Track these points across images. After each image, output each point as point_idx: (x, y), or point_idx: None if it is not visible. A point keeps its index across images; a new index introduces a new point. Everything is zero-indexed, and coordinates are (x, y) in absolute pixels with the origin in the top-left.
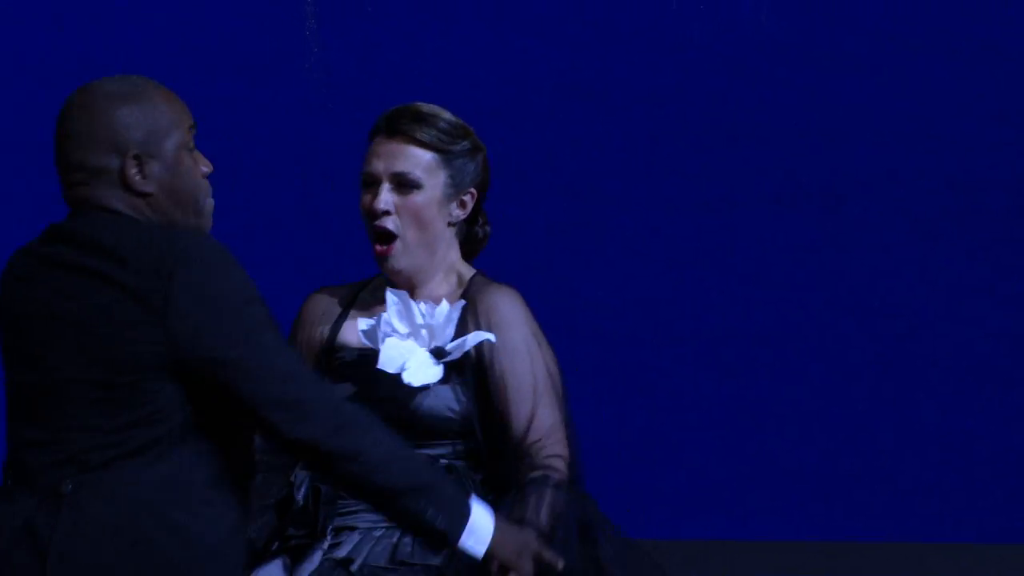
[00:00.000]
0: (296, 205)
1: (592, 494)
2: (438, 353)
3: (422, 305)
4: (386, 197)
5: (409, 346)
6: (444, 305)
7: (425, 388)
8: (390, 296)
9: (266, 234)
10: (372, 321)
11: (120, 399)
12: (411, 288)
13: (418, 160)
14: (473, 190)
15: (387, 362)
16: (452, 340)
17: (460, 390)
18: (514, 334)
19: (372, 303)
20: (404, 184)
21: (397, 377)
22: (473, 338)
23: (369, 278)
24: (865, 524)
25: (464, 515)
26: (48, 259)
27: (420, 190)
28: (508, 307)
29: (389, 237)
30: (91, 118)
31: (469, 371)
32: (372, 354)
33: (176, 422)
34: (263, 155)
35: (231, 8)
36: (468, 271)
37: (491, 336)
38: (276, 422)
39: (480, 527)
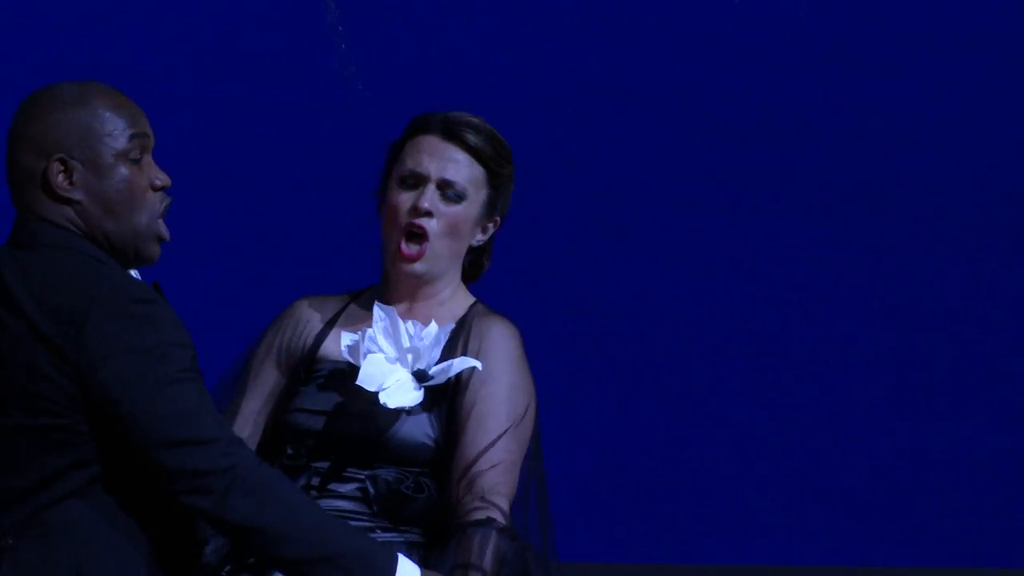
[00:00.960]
0: (315, 208)
1: (612, 510)
2: (420, 376)
3: (410, 325)
4: (432, 198)
5: (392, 366)
6: (433, 327)
7: (403, 412)
8: (378, 312)
9: (285, 237)
10: (356, 337)
11: (47, 444)
12: (411, 301)
13: (469, 172)
14: (498, 219)
15: (366, 379)
16: (437, 364)
17: (437, 417)
18: (500, 364)
19: (361, 317)
20: (451, 195)
21: (375, 396)
22: (459, 363)
23: (362, 289)
24: (900, 546)
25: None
26: None
27: (463, 203)
28: (501, 337)
29: (421, 239)
30: (28, 120)
31: (446, 400)
32: (352, 370)
33: (98, 471)
34: (282, 156)
35: (249, 5)
36: (467, 298)
37: (478, 364)
38: (170, 487)
39: None
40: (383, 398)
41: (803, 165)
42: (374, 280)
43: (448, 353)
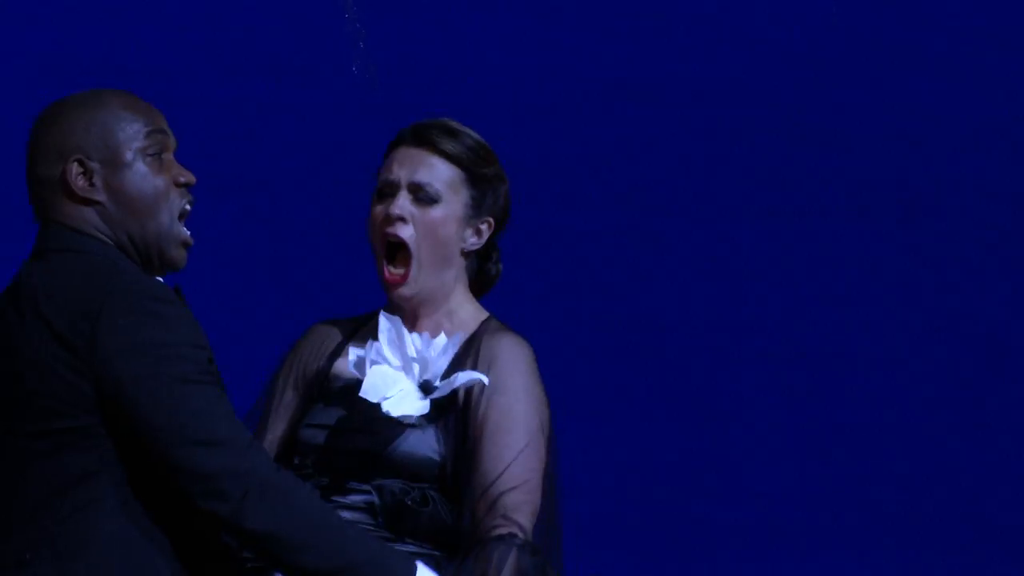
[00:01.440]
0: (333, 212)
1: (649, 530)
2: (425, 387)
3: (416, 336)
4: (403, 203)
5: (396, 376)
6: (442, 338)
7: (408, 425)
8: (383, 322)
9: (304, 243)
10: (363, 351)
11: (62, 450)
12: (414, 319)
13: (442, 173)
14: (491, 219)
15: (369, 390)
16: (445, 376)
17: (445, 432)
18: (515, 379)
19: (374, 334)
20: (424, 196)
21: (377, 407)
22: (463, 376)
23: (372, 311)
24: (957, 567)
25: None
26: None
27: (439, 204)
28: (512, 353)
29: (402, 256)
30: (43, 130)
31: (453, 415)
32: (358, 383)
33: (114, 480)
34: (300, 161)
35: (266, 5)
36: (480, 312)
37: (483, 377)
38: (186, 491)
39: None
40: (386, 407)
41: (859, 171)
42: None
43: (456, 367)
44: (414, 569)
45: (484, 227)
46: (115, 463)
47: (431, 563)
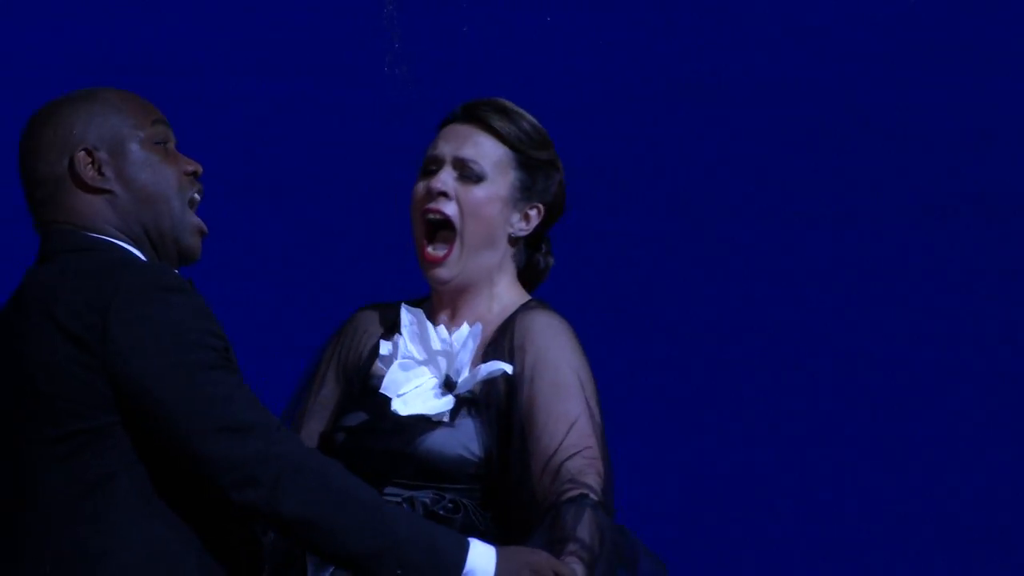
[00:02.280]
0: (366, 211)
1: (708, 545)
2: (447, 383)
3: (442, 328)
4: (446, 178)
5: (418, 372)
6: (464, 328)
7: (436, 423)
8: (405, 316)
9: (341, 243)
10: (391, 346)
11: (79, 453)
12: (452, 308)
13: (489, 150)
14: (541, 206)
15: (389, 386)
16: (469, 369)
17: (482, 428)
18: (557, 352)
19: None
20: (468, 174)
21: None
22: (486, 368)
23: (423, 297)
24: None
25: (455, 566)
26: (2, 323)
27: (484, 183)
28: (547, 327)
29: (444, 235)
30: (39, 130)
31: (494, 407)
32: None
33: (137, 478)
34: (337, 161)
35: (302, 3)
36: (522, 298)
37: (507, 367)
38: (217, 482)
39: (480, 570)
40: (395, 405)
41: (930, 172)
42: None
43: (492, 355)
44: (466, 545)
45: (533, 213)
46: (136, 462)
47: None
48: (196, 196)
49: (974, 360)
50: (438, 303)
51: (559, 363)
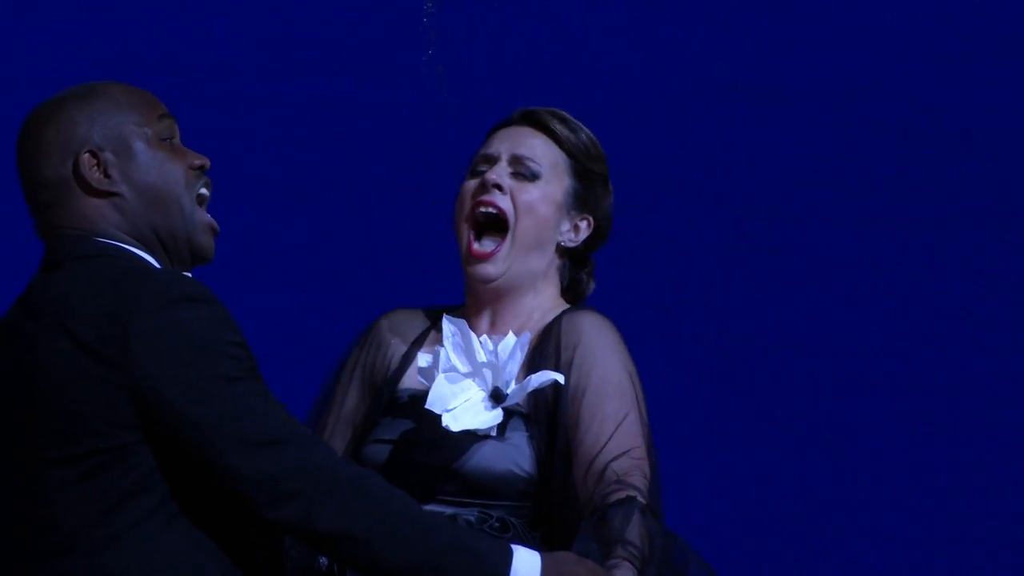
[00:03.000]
0: (404, 214)
1: (755, 567)
2: (496, 395)
3: (485, 337)
4: (501, 172)
5: (465, 385)
6: (510, 337)
7: (483, 436)
8: (447, 327)
9: (378, 248)
10: (431, 357)
11: (96, 473)
12: (493, 315)
13: (546, 152)
14: (590, 218)
15: (435, 401)
16: (516, 380)
17: (531, 442)
18: (603, 352)
19: (440, 343)
20: (524, 171)
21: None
22: (536, 379)
23: (455, 305)
24: None
25: (499, 574)
26: (3, 337)
27: (539, 181)
28: (592, 327)
29: (493, 234)
30: (38, 131)
31: (543, 418)
32: (426, 394)
33: (158, 497)
34: (373, 164)
35: (341, 1)
36: (563, 306)
37: (558, 376)
38: (249, 499)
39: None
40: (446, 421)
41: (1001, 177)
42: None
43: (538, 361)
44: (509, 552)
45: (583, 224)
46: (158, 481)
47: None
48: (204, 191)
49: None
50: (476, 309)
51: (607, 361)
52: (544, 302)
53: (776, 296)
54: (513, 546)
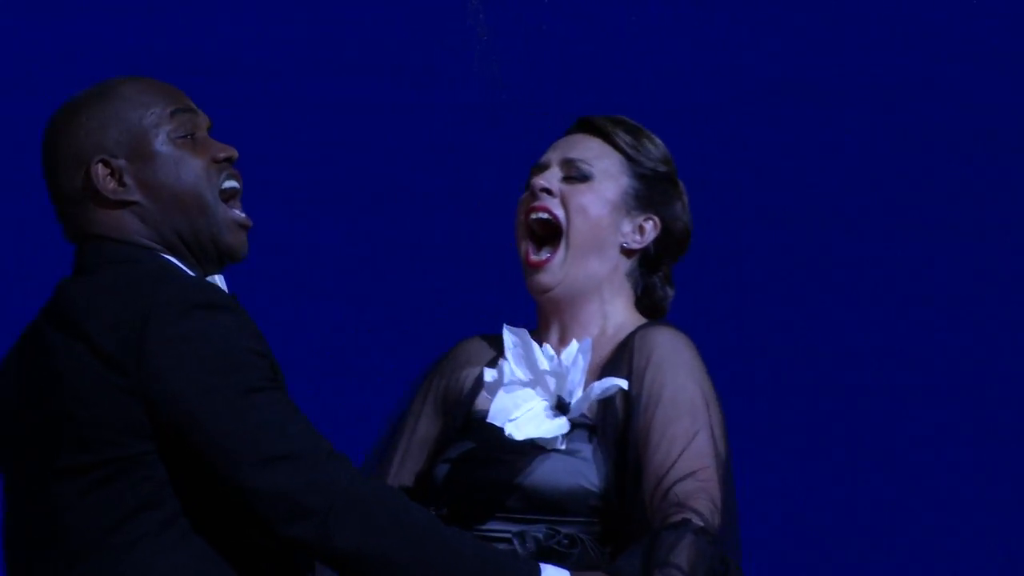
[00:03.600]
0: (456, 224)
1: None
2: (560, 405)
3: (547, 346)
4: (551, 176)
5: (526, 395)
6: (573, 345)
7: (544, 451)
8: (508, 336)
9: (420, 256)
10: (496, 372)
11: (109, 483)
12: (562, 327)
13: (597, 153)
14: (657, 219)
15: (497, 414)
16: (581, 389)
17: (600, 456)
18: (676, 367)
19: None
20: (575, 173)
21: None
22: (599, 386)
23: (530, 329)
24: None
25: None
26: (26, 342)
27: (590, 182)
28: (667, 342)
29: (552, 241)
30: (54, 142)
31: (611, 432)
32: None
33: (172, 509)
34: (418, 167)
35: (388, 2)
36: (639, 320)
37: (622, 383)
38: (264, 515)
39: None
40: (509, 429)
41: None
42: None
43: (611, 371)
44: (537, 571)
45: (648, 225)
46: (171, 494)
47: None
48: (230, 185)
49: None
50: (544, 323)
51: (679, 378)
52: (615, 312)
53: (831, 307)
54: (541, 565)
